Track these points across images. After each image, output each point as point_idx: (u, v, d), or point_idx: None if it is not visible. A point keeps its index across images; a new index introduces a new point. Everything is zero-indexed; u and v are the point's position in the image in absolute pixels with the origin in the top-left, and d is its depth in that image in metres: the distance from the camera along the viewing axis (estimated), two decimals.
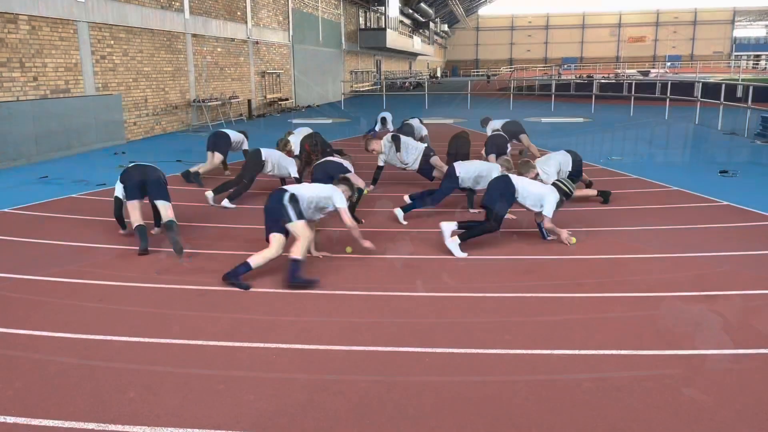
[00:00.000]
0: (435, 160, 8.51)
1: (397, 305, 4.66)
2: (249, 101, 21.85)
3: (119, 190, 6.33)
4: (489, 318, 4.41)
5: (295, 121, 20.32)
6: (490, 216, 5.97)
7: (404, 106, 26.76)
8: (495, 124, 11.42)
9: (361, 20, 41.47)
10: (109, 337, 4.12)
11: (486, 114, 11.97)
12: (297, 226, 5.10)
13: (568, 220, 6.85)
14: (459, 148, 9.40)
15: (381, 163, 8.79)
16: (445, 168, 8.17)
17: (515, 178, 6.14)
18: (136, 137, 15.41)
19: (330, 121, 20.82)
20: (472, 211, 7.60)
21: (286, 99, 25.85)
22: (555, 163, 7.81)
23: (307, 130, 10.33)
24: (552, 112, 22.54)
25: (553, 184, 6.30)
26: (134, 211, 6.18)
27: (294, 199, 5.16)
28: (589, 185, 8.53)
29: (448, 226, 5.90)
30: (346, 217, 5.44)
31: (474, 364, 3.72)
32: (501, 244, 6.17)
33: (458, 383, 3.49)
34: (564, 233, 6.16)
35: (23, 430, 3.06)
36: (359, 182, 6.93)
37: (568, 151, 8.03)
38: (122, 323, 4.35)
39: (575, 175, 7.96)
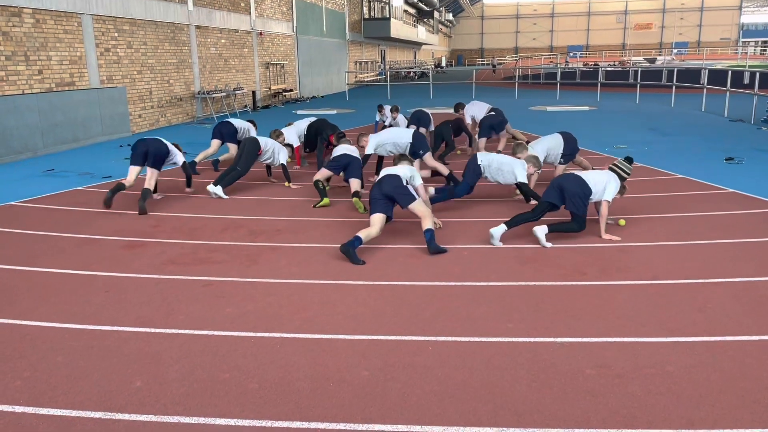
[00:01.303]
0: (428, 157, 8.23)
1: (401, 294, 4.68)
2: (253, 92, 21.85)
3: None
4: (491, 306, 4.42)
5: (299, 112, 20.31)
6: (575, 217, 5.83)
7: (409, 96, 26.70)
8: (476, 110, 11.46)
9: (365, 10, 41.33)
10: (115, 327, 4.16)
11: (488, 104, 11.91)
12: (418, 205, 5.78)
13: None
14: (444, 133, 9.89)
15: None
16: (440, 166, 8.19)
17: (583, 176, 5.88)
18: (142, 129, 15.46)
19: (334, 111, 20.80)
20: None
21: (291, 90, 25.83)
22: (544, 147, 7.83)
23: (310, 121, 10.33)
24: (557, 101, 22.44)
25: (610, 168, 6.26)
26: (131, 174, 7.47)
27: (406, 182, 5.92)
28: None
29: (498, 231, 5.79)
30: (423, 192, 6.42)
31: (477, 352, 3.74)
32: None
33: (461, 371, 3.52)
34: (604, 231, 5.99)
35: (31, 419, 3.10)
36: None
37: (562, 133, 8.01)
38: (128, 313, 4.39)
39: (569, 155, 7.97)
